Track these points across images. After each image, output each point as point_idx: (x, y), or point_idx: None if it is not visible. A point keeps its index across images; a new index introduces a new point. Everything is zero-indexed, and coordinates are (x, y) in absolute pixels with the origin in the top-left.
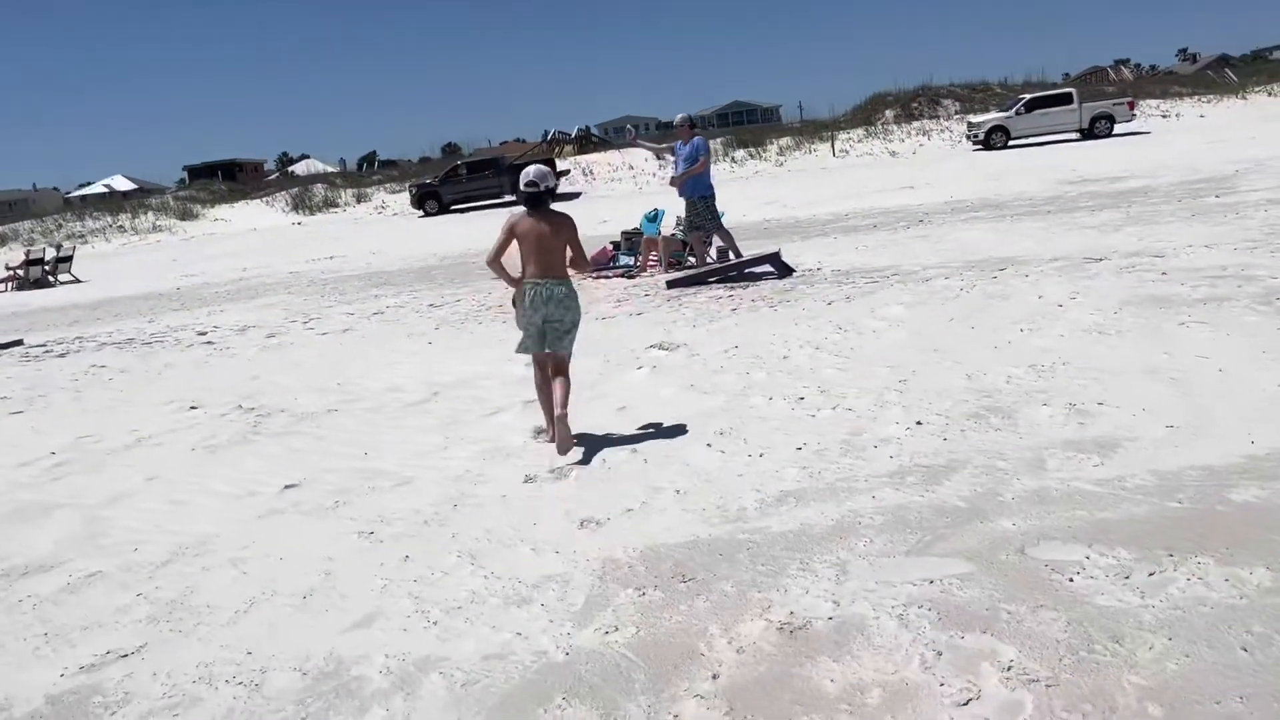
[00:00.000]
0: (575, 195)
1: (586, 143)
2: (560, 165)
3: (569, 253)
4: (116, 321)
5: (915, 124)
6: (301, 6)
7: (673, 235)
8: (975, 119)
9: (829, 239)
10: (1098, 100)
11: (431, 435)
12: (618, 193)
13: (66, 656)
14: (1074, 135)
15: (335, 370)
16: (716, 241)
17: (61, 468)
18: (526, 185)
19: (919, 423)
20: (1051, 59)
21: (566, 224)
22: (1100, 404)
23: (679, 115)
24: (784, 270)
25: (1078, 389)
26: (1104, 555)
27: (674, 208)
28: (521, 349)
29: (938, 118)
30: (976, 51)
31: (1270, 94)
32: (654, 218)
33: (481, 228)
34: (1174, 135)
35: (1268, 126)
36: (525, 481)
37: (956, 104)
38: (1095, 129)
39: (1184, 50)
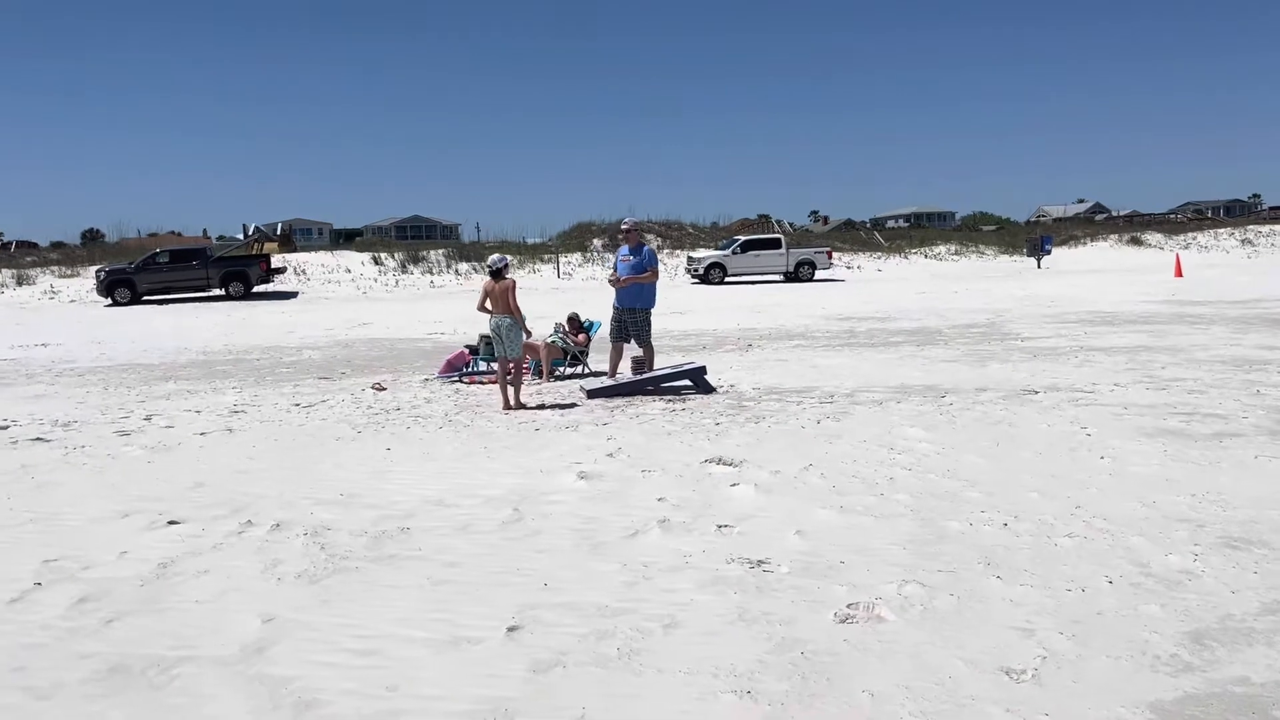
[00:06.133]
0: (292, 294)
1: (288, 241)
2: (275, 262)
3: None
4: None
5: None
6: None
7: (551, 342)
8: (696, 255)
9: (669, 357)
10: (801, 248)
11: (600, 562)
12: (339, 295)
13: None
14: (779, 277)
15: (303, 479)
16: (629, 351)
17: (87, 606)
18: (494, 262)
19: (1194, 556)
20: (713, 207)
21: (509, 285)
22: None
23: (627, 219)
24: (705, 387)
25: None
26: None
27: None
28: (489, 353)
29: None
30: (666, 192)
31: (925, 255)
32: (588, 327)
33: (211, 321)
34: (874, 284)
35: (956, 283)
36: (845, 620)
37: (659, 239)
38: (799, 273)
39: (815, 212)
